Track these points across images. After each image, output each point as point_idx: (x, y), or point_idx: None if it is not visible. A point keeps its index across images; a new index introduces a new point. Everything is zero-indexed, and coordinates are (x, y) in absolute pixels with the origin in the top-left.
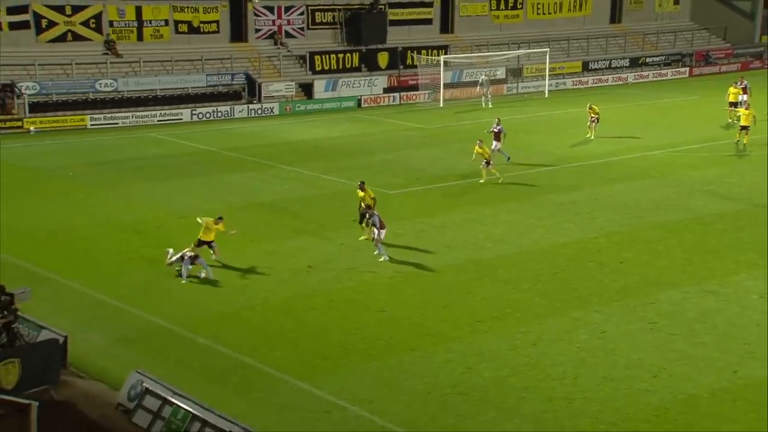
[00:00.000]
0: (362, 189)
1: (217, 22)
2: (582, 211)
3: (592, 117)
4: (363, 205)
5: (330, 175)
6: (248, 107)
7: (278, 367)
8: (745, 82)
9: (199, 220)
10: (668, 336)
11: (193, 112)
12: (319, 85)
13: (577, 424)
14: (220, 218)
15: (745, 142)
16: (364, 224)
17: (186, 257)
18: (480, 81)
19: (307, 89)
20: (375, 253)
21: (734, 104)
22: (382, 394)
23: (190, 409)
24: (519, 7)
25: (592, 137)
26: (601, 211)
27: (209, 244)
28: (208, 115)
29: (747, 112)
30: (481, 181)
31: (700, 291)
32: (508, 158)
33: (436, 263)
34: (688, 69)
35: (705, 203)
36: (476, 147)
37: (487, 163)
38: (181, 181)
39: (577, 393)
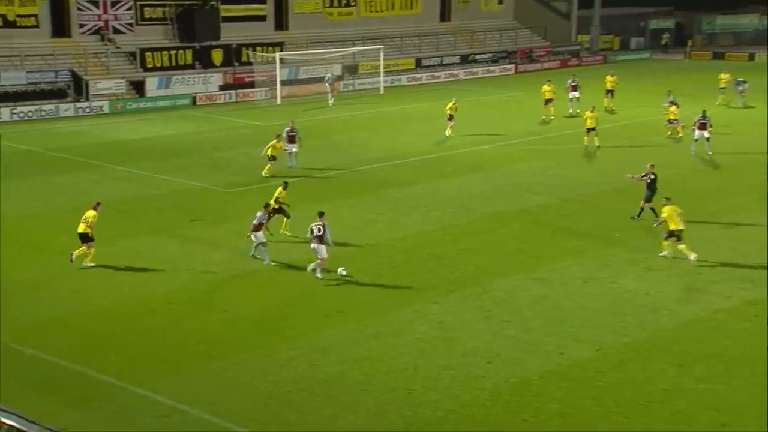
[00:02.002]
0: (284, 189)
1: (35, 16)
2: (420, 205)
3: (449, 114)
4: (275, 204)
5: (164, 175)
6: (75, 106)
7: (114, 374)
8: (576, 80)
9: None
10: (501, 323)
11: (13, 110)
12: (151, 83)
13: (418, 413)
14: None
15: (596, 144)
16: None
17: None
18: (326, 78)
19: (138, 87)
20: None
21: (549, 101)
22: (223, 394)
23: (14, 424)
24: (352, 4)
25: (451, 134)
26: (437, 204)
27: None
28: (30, 114)
29: (592, 114)
30: (264, 173)
31: (529, 278)
32: (292, 165)
33: (277, 260)
34: (513, 66)
35: (532, 194)
36: (273, 142)
37: (272, 158)
38: (2, 184)
39: (417, 383)
